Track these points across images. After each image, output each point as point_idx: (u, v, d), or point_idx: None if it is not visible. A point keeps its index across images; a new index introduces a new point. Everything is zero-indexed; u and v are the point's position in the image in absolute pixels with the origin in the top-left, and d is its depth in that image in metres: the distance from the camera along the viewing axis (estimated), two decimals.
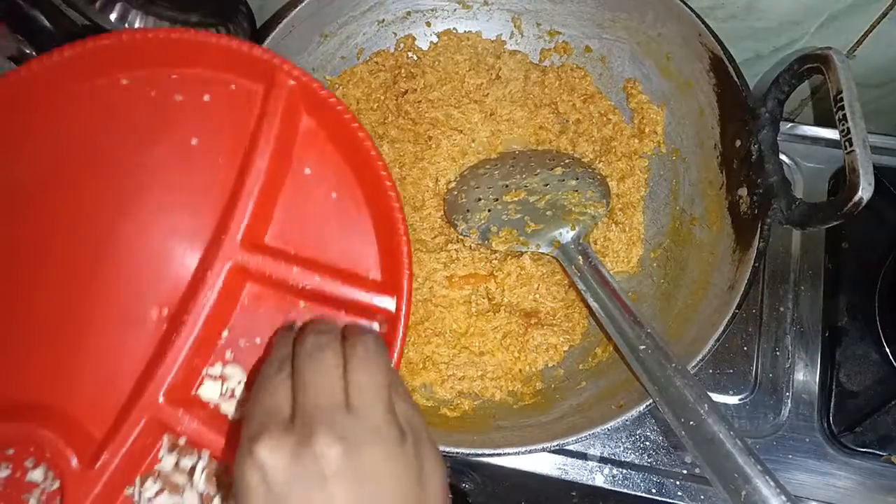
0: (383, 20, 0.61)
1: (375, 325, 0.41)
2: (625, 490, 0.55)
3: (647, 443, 0.56)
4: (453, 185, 0.59)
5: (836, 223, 0.43)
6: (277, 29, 0.53)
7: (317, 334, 0.35)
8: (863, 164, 0.41)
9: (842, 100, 0.42)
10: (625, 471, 0.55)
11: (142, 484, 0.38)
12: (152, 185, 0.42)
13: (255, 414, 0.33)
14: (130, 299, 0.41)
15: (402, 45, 0.63)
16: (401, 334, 0.40)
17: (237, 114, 0.43)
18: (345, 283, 0.40)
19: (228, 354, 0.42)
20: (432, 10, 0.62)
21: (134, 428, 0.38)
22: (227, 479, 0.38)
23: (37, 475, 0.39)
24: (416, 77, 0.61)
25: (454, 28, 0.63)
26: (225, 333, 0.42)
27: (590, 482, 0.55)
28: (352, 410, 0.32)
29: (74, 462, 0.38)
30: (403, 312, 0.40)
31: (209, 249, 0.41)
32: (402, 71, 0.61)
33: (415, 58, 0.63)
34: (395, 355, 0.40)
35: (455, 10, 0.62)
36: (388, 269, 0.42)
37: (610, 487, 0.55)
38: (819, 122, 0.68)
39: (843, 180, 0.44)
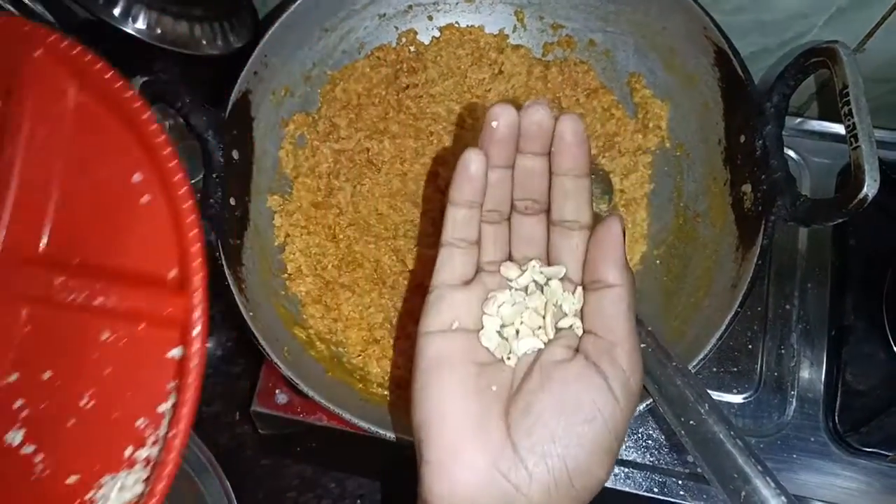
0: (385, 14, 0.61)
1: (176, 351, 0.33)
2: (626, 489, 0.54)
3: (650, 441, 0.56)
4: None
5: (841, 220, 0.43)
6: (278, 23, 0.53)
7: None
8: (868, 160, 0.40)
9: (847, 94, 0.41)
10: (627, 469, 0.55)
11: None
12: None
13: None
14: None
15: (403, 40, 0.62)
16: (196, 353, 0.31)
17: None
18: (128, 291, 0.33)
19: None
20: (434, 3, 0.61)
21: None
22: None
23: None
24: (418, 72, 0.60)
25: (456, 22, 0.62)
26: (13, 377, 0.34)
27: None
28: None
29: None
30: (199, 318, 0.31)
31: None
32: (404, 66, 0.61)
33: (416, 52, 0.62)
34: (191, 379, 0.31)
35: (457, 3, 0.62)
36: (183, 265, 0.33)
37: (611, 486, 0.55)
38: (826, 117, 0.67)
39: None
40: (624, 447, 0.56)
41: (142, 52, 0.75)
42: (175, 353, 0.33)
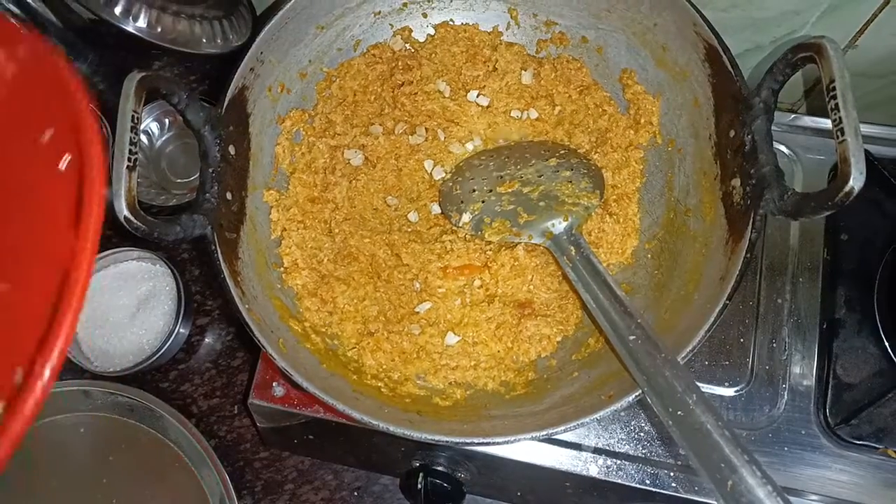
0: (380, 12, 0.61)
1: None
2: (619, 481, 0.55)
3: (642, 434, 0.56)
4: (448, 176, 0.59)
5: (828, 213, 0.43)
6: (273, 20, 0.54)
7: None
8: (854, 154, 0.40)
9: (834, 89, 0.42)
10: (619, 461, 0.55)
11: None
12: None
13: None
14: None
15: (398, 37, 0.63)
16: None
17: None
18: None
19: None
20: (429, 1, 0.62)
21: None
22: None
23: None
24: (413, 69, 0.61)
25: (451, 20, 0.63)
26: None
27: (584, 473, 0.55)
28: None
29: None
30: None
31: None
32: (399, 63, 0.62)
33: (412, 49, 0.63)
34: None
35: (452, 1, 0.62)
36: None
37: (604, 478, 0.55)
38: (818, 113, 0.67)
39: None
40: (616, 439, 0.56)
41: (143, 51, 0.76)
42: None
